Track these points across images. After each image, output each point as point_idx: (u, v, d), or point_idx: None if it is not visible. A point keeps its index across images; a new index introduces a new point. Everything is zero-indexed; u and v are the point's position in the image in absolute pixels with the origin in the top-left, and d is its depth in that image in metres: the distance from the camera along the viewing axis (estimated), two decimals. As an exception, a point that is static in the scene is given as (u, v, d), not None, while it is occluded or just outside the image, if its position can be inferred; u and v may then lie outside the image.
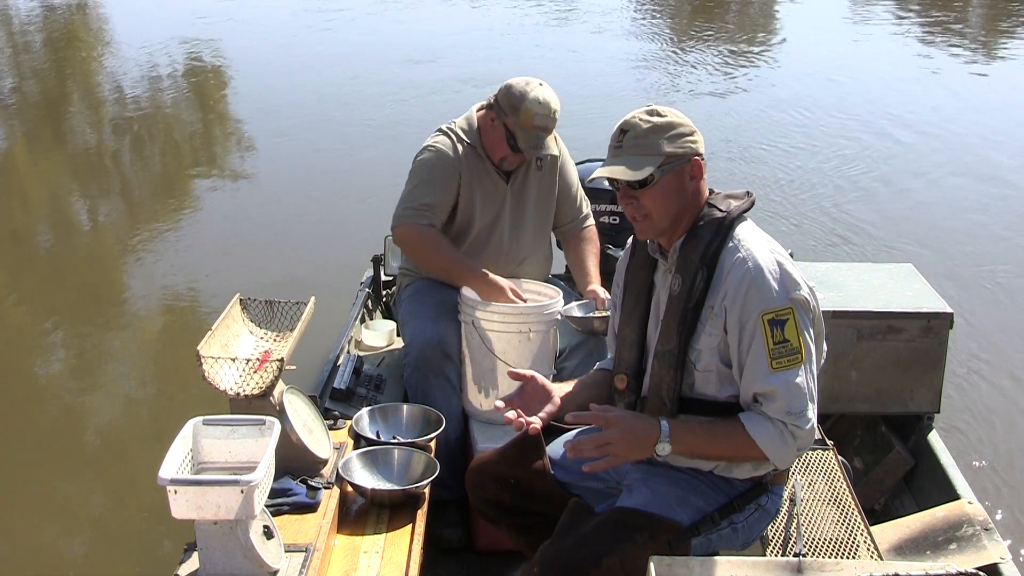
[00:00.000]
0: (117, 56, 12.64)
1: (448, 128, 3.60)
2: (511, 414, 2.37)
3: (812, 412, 2.26)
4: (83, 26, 14.91)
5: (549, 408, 2.42)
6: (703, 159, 2.37)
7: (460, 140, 3.56)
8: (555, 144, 3.57)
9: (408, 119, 9.31)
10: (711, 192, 2.41)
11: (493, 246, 3.58)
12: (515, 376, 2.48)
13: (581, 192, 3.81)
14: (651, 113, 2.34)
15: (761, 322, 2.23)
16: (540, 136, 3.44)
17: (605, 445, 2.23)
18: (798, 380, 2.23)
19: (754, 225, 2.40)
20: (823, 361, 2.39)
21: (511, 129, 3.44)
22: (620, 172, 2.30)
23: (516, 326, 3.28)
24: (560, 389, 2.52)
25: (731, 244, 2.32)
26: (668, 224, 2.35)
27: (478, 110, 3.60)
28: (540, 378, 2.48)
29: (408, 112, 9.64)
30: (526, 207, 3.64)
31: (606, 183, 4.05)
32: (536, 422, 2.34)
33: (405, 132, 8.81)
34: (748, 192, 2.44)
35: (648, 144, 2.30)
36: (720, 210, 2.36)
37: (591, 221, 3.83)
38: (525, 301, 3.42)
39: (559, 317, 3.37)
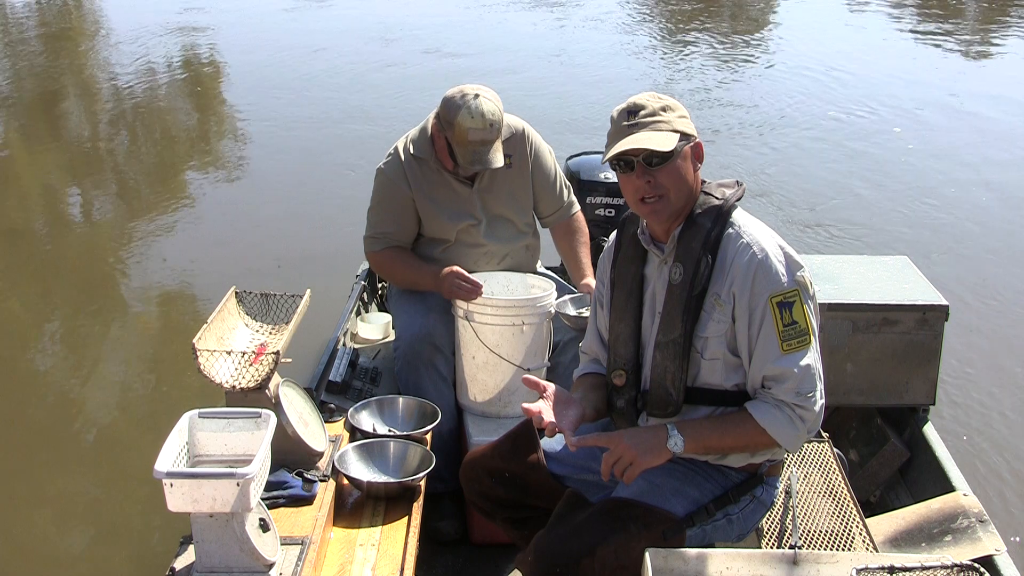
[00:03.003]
0: (111, 47, 12.62)
1: (398, 146, 3.56)
2: (543, 416, 2.32)
3: (820, 392, 2.28)
4: (77, 17, 14.87)
5: (575, 412, 2.39)
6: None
7: (408, 157, 3.51)
8: (500, 156, 3.41)
9: (404, 108, 9.30)
10: (703, 182, 2.42)
11: (471, 247, 3.56)
12: (531, 384, 2.43)
13: (562, 180, 3.74)
14: (654, 96, 2.35)
15: (770, 305, 2.25)
16: (478, 151, 3.34)
17: (618, 460, 2.25)
18: (808, 361, 2.26)
19: (747, 213, 2.40)
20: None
21: (450, 144, 3.38)
22: (649, 142, 2.28)
23: (509, 319, 3.28)
24: (575, 395, 2.50)
25: (731, 231, 2.32)
26: (681, 204, 2.35)
27: (433, 124, 3.50)
28: (554, 386, 2.43)
29: (404, 100, 9.63)
30: (499, 205, 3.58)
31: (601, 175, 4.10)
32: (551, 422, 2.31)
33: (402, 122, 8.81)
34: (738, 182, 2.45)
35: (663, 120, 2.31)
36: (716, 198, 2.36)
37: (577, 208, 3.78)
38: (471, 284, 3.32)
39: (552, 311, 3.37)
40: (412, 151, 3.51)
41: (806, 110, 9.49)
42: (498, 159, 3.39)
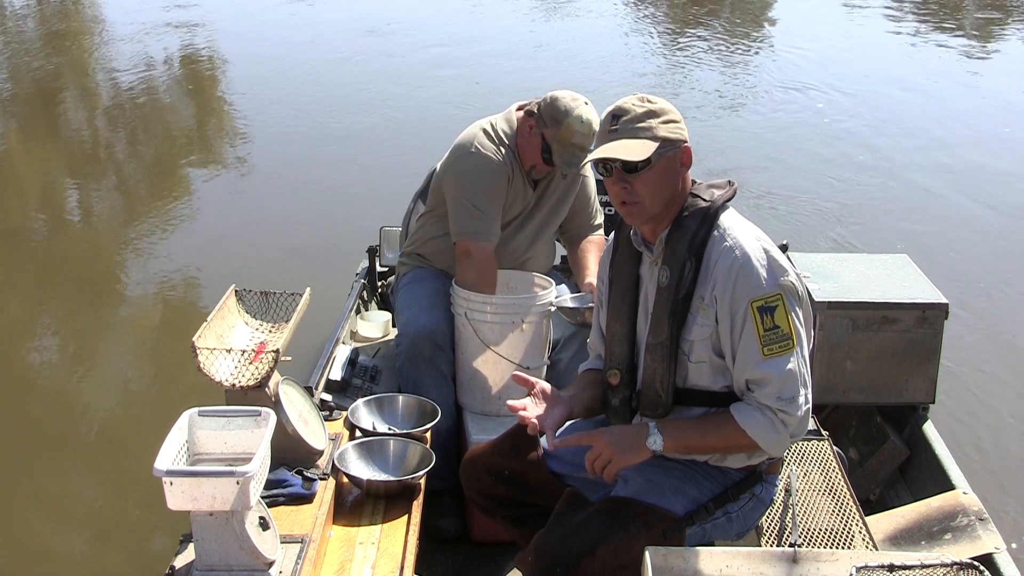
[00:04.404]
0: (108, 45, 12.61)
1: (491, 130, 3.51)
2: (525, 413, 2.38)
3: (804, 397, 2.27)
4: (76, 14, 14.86)
5: (561, 411, 2.43)
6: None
7: (502, 143, 3.48)
8: (584, 166, 3.54)
9: (403, 106, 9.32)
10: (693, 182, 2.41)
11: (501, 243, 3.54)
12: (520, 381, 2.48)
13: (597, 204, 3.79)
14: (642, 100, 2.34)
15: (751, 309, 2.24)
16: (576, 155, 3.39)
17: (598, 458, 2.28)
18: (790, 366, 2.24)
19: (737, 214, 2.40)
20: (811, 348, 2.39)
21: (548, 141, 3.39)
22: (621, 151, 2.28)
23: (508, 317, 3.28)
24: (566, 392, 2.52)
25: (717, 233, 2.31)
26: (659, 210, 2.34)
27: (518, 109, 3.54)
28: (544, 384, 2.48)
29: (403, 98, 9.64)
30: (542, 213, 3.64)
31: (598, 172, 4.09)
32: (534, 422, 2.37)
33: (401, 119, 8.83)
34: (730, 181, 2.44)
35: (645, 127, 2.29)
36: (704, 200, 2.35)
37: (602, 231, 3.81)
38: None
39: (552, 308, 3.37)
40: (502, 137, 3.50)
41: (801, 107, 9.50)
42: (584, 167, 3.56)
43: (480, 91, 9.68)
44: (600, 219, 3.81)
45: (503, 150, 3.47)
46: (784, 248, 3.61)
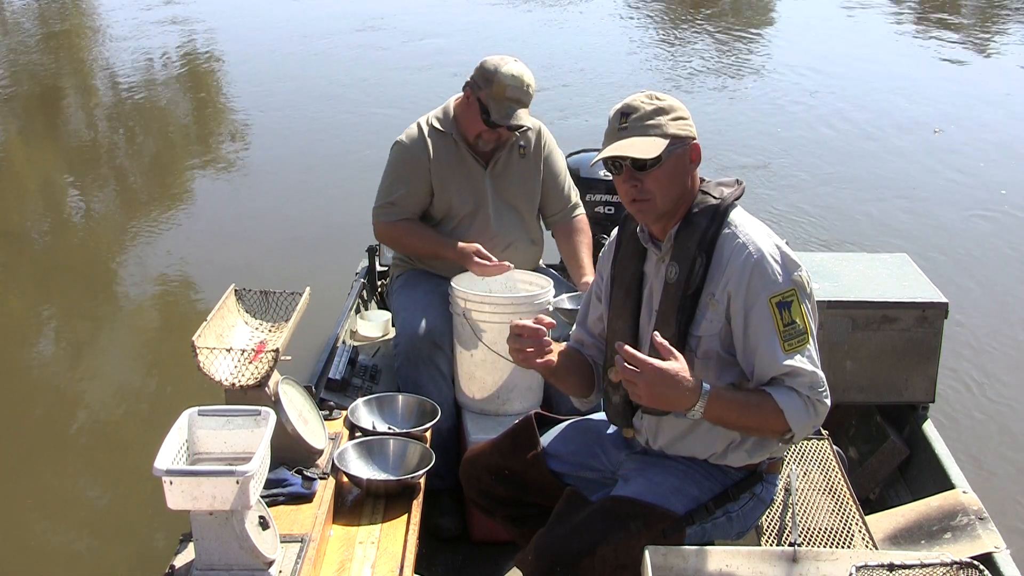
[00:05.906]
0: (108, 43, 12.62)
1: (419, 121, 3.66)
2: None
3: (827, 389, 2.28)
4: (75, 14, 14.86)
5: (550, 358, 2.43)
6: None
7: (432, 129, 3.61)
8: (529, 121, 3.57)
9: (400, 100, 9.31)
10: (702, 180, 2.41)
11: (477, 231, 3.59)
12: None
13: (570, 182, 3.81)
14: (651, 97, 2.34)
15: (769, 305, 2.24)
16: (513, 107, 3.47)
17: (632, 384, 2.15)
18: (810, 359, 2.25)
19: (746, 212, 2.40)
20: None
21: (484, 102, 3.47)
22: (631, 149, 2.28)
23: (507, 316, 3.28)
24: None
25: (728, 231, 2.32)
26: (669, 207, 2.35)
27: (456, 101, 3.63)
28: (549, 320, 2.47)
29: (399, 93, 9.64)
30: (508, 193, 3.65)
31: (601, 172, 4.09)
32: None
33: (401, 118, 8.80)
34: (738, 180, 2.44)
35: (654, 124, 2.30)
36: (714, 197, 2.36)
37: (581, 211, 3.83)
38: (493, 261, 3.45)
39: (550, 308, 3.37)
40: (433, 124, 3.63)
41: (801, 107, 9.49)
42: (525, 119, 3.53)
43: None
44: (576, 197, 3.84)
45: (428, 135, 3.59)
46: (784, 247, 3.62)
